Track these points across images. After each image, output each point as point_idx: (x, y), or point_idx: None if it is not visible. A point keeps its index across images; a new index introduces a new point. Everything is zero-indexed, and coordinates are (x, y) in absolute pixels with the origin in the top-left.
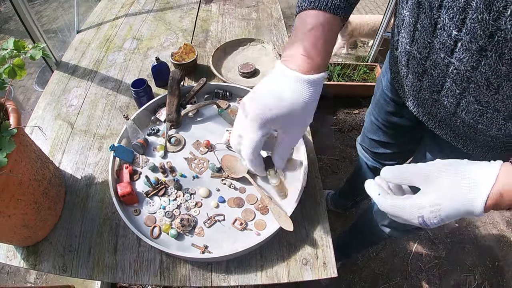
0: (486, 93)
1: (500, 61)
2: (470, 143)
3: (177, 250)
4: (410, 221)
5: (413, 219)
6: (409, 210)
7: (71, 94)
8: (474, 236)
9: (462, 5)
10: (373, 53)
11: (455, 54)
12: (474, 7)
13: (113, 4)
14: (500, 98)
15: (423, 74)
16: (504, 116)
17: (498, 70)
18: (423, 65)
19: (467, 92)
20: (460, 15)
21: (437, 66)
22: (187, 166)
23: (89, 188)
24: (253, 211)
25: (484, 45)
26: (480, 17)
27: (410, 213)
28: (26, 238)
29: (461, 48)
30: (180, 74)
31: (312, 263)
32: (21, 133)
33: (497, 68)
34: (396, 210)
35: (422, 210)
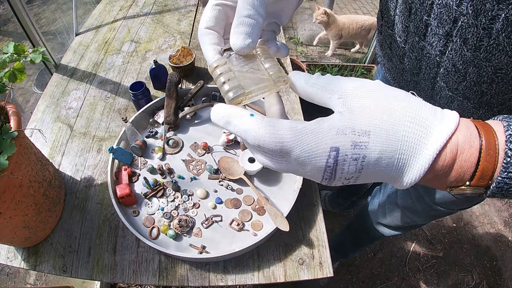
0: (455, 79)
1: (465, 47)
2: None
3: (176, 250)
4: (312, 161)
5: (319, 156)
6: (319, 136)
7: (70, 97)
8: (472, 236)
9: None
10: (371, 54)
11: (427, 38)
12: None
13: (111, 7)
14: (468, 85)
15: (404, 57)
16: (474, 103)
17: (464, 55)
18: (403, 48)
19: (439, 77)
20: (428, 1)
21: (414, 49)
22: (185, 167)
23: (89, 190)
24: (250, 212)
25: (450, 30)
26: (445, 2)
27: (318, 143)
28: (26, 239)
29: (431, 33)
30: (177, 77)
31: (308, 263)
32: (22, 135)
33: (462, 53)
34: (295, 136)
35: (340, 138)
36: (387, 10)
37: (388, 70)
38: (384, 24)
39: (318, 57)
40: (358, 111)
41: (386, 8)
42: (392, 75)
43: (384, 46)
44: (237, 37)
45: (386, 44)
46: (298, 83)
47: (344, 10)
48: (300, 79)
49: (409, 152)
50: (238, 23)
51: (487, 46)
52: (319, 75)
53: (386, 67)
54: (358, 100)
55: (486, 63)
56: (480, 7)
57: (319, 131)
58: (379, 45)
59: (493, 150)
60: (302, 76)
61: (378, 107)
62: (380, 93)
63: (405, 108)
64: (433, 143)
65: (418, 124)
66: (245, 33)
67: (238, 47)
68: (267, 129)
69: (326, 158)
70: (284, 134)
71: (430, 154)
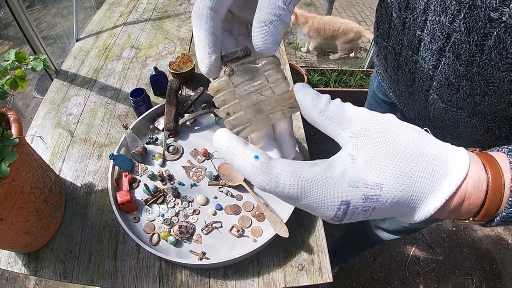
0: (448, 92)
1: (458, 62)
2: (447, 135)
3: (176, 256)
4: (321, 210)
5: (328, 208)
6: (329, 189)
7: (71, 103)
8: (471, 239)
9: (423, 8)
10: (370, 59)
11: (420, 52)
12: (433, 9)
13: (111, 13)
14: (462, 97)
15: (398, 69)
16: (468, 113)
17: (456, 70)
18: (397, 60)
19: (432, 89)
20: (421, 17)
21: (407, 62)
22: (185, 174)
23: (89, 196)
24: (250, 218)
25: (443, 45)
26: (438, 19)
27: (328, 196)
28: (27, 244)
29: (424, 47)
30: (177, 84)
31: (307, 268)
32: (23, 142)
33: (455, 68)
34: (302, 189)
35: (351, 191)
36: (382, 22)
37: (384, 80)
38: (380, 35)
39: (317, 62)
40: (372, 160)
41: (381, 20)
42: (388, 85)
43: (379, 57)
44: (267, 39)
45: (381, 55)
46: (304, 106)
47: (343, 15)
48: (307, 101)
49: (419, 201)
50: (270, 21)
51: (480, 61)
52: (328, 100)
53: (382, 76)
54: (372, 146)
55: (478, 77)
56: (473, 25)
57: (329, 182)
58: (376, 55)
59: (499, 191)
60: (309, 98)
61: (393, 155)
62: (394, 136)
63: (419, 155)
64: (443, 193)
65: (430, 174)
66: (273, 35)
67: (265, 51)
68: (272, 181)
69: (336, 210)
70: (291, 187)
71: (438, 203)
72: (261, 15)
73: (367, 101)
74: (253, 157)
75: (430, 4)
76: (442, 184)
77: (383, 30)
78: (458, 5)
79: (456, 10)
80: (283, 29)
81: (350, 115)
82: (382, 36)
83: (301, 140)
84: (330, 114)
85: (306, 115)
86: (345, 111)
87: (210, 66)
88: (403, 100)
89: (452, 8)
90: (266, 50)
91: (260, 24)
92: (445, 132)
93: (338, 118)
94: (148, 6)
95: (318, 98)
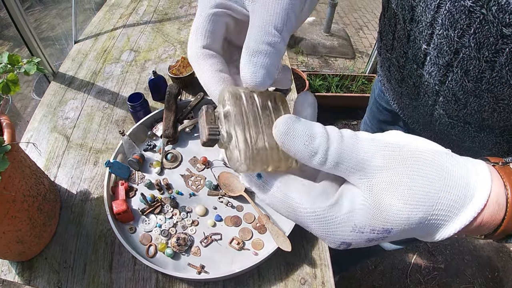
0: (455, 108)
1: (466, 78)
2: (454, 148)
3: (173, 270)
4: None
5: (330, 241)
6: (330, 227)
7: (68, 106)
8: (473, 247)
9: (430, 21)
10: (371, 64)
11: (425, 67)
12: (440, 23)
13: (111, 15)
14: (469, 113)
15: (402, 82)
16: (476, 128)
17: (465, 86)
18: (401, 73)
19: (438, 105)
20: (428, 30)
21: (412, 76)
22: (184, 183)
23: (85, 204)
24: (251, 230)
25: (450, 61)
26: (446, 33)
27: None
28: (20, 253)
29: (430, 62)
30: (177, 89)
31: (310, 282)
32: (15, 149)
33: (463, 84)
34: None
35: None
36: (385, 33)
37: (388, 91)
38: (383, 46)
39: (319, 66)
40: (385, 205)
41: (385, 31)
42: (391, 96)
43: (383, 67)
44: (257, 71)
45: (385, 66)
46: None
47: (345, 19)
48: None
49: (429, 234)
50: (256, 50)
51: (490, 78)
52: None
53: (385, 87)
54: (387, 187)
55: (488, 94)
56: (483, 41)
57: (330, 222)
58: (379, 65)
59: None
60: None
61: (409, 198)
62: (412, 173)
63: (439, 191)
64: (458, 223)
65: (447, 210)
66: (267, 68)
67: (255, 87)
68: (272, 202)
69: (336, 246)
70: (289, 215)
71: (451, 232)
72: (250, 44)
73: (368, 108)
74: (255, 175)
75: (438, 17)
76: (459, 214)
77: (386, 41)
78: (468, 19)
79: (466, 24)
80: (276, 59)
81: (358, 157)
82: (385, 47)
83: None
84: (332, 165)
85: (304, 163)
86: (352, 153)
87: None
88: (407, 112)
89: (462, 22)
90: (256, 85)
91: (248, 55)
92: (451, 146)
93: (344, 166)
94: (148, 8)
95: (312, 143)
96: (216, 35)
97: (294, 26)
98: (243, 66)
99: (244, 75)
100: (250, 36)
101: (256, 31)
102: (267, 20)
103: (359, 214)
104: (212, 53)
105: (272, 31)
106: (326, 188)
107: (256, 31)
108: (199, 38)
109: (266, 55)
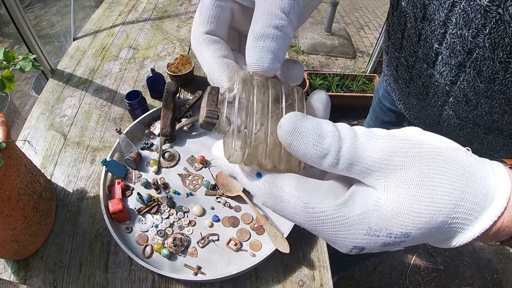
0: (465, 109)
1: (479, 78)
2: None
3: (170, 271)
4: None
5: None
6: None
7: (65, 104)
8: (473, 248)
9: (443, 19)
10: (372, 64)
11: (436, 66)
12: (454, 22)
13: (110, 12)
14: (479, 114)
15: (410, 81)
16: (485, 129)
17: (477, 87)
18: (410, 73)
19: (447, 105)
20: (440, 29)
21: (421, 76)
22: (181, 182)
23: (81, 203)
24: (248, 231)
25: (463, 61)
26: (459, 33)
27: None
28: (15, 252)
29: (441, 62)
30: (175, 87)
31: (308, 284)
32: (11, 146)
33: (476, 85)
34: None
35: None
36: (394, 32)
37: (394, 91)
38: (391, 45)
39: (320, 65)
40: (404, 206)
41: (393, 29)
42: (397, 96)
43: (390, 67)
44: (263, 56)
45: (392, 66)
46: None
47: (346, 19)
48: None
49: (447, 239)
50: (265, 34)
51: (503, 79)
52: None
53: (391, 87)
54: (406, 188)
55: (500, 95)
56: (499, 41)
57: (342, 224)
58: (386, 65)
59: None
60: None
61: (429, 199)
62: (433, 172)
63: (460, 192)
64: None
65: (467, 213)
66: (274, 52)
67: (261, 72)
68: (277, 204)
69: (347, 251)
70: (296, 216)
71: (468, 239)
72: (255, 27)
73: (371, 108)
74: (254, 175)
75: (451, 16)
76: (479, 217)
77: (395, 40)
78: (483, 19)
79: (481, 24)
80: (284, 43)
81: (374, 157)
82: (393, 46)
83: None
84: (344, 167)
85: (314, 165)
86: (366, 154)
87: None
88: (414, 113)
89: (476, 22)
90: (262, 70)
91: (253, 39)
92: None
93: (358, 167)
94: (148, 5)
95: (323, 144)
96: (220, 21)
97: (301, 11)
98: (248, 51)
99: (250, 60)
100: (255, 20)
101: (262, 14)
102: (273, 2)
103: (374, 216)
104: (215, 39)
105: (279, 13)
106: (333, 187)
107: (262, 14)
108: (202, 23)
109: (273, 39)
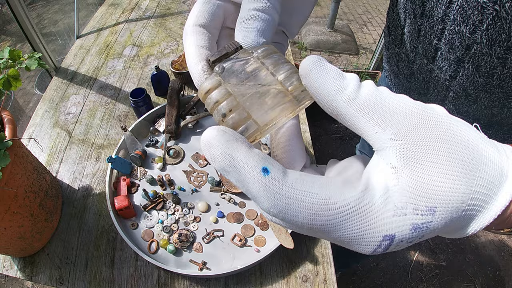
0: (465, 103)
1: (477, 73)
2: None
3: (175, 266)
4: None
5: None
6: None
7: (70, 102)
8: (475, 245)
9: (441, 16)
10: (375, 60)
11: (436, 62)
12: (452, 18)
13: (113, 9)
14: (479, 108)
15: (411, 76)
16: (484, 124)
17: (476, 81)
18: (410, 68)
19: (447, 100)
20: (439, 25)
21: (422, 71)
22: (186, 179)
23: (86, 200)
24: (253, 227)
25: (462, 56)
26: (457, 29)
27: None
28: (22, 249)
29: (441, 57)
30: (179, 84)
31: (312, 280)
32: (17, 144)
33: (474, 79)
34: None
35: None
36: (394, 28)
37: (395, 86)
38: (391, 41)
39: None
40: (423, 174)
41: (394, 25)
42: (399, 92)
43: (391, 63)
44: (248, 33)
45: (393, 61)
46: (324, 90)
47: (349, 15)
48: (327, 84)
49: (471, 217)
50: (249, 16)
51: (501, 74)
52: (357, 82)
53: (392, 82)
54: (424, 154)
55: (498, 89)
56: (496, 37)
57: (368, 212)
58: (386, 60)
59: None
60: (331, 79)
61: (449, 166)
62: (450, 139)
63: (478, 163)
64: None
65: (487, 185)
66: (258, 29)
67: (248, 45)
68: (287, 207)
69: (375, 247)
70: (315, 219)
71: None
72: (241, 14)
73: None
74: (259, 171)
75: (449, 13)
76: (498, 194)
77: (395, 36)
78: (480, 15)
79: (478, 20)
80: (268, 22)
81: (392, 107)
82: (394, 42)
83: (307, 145)
84: (362, 103)
85: (326, 103)
86: (384, 100)
87: (199, 74)
88: None
89: (474, 18)
90: (248, 44)
91: (239, 23)
92: None
93: (376, 111)
94: (151, 3)
95: (342, 80)
96: (211, 17)
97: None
98: (236, 32)
99: (239, 38)
100: (241, 9)
101: (246, 3)
102: None
103: (396, 191)
104: (201, 30)
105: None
106: (346, 178)
107: (246, 3)
108: (192, 17)
109: (256, 19)
